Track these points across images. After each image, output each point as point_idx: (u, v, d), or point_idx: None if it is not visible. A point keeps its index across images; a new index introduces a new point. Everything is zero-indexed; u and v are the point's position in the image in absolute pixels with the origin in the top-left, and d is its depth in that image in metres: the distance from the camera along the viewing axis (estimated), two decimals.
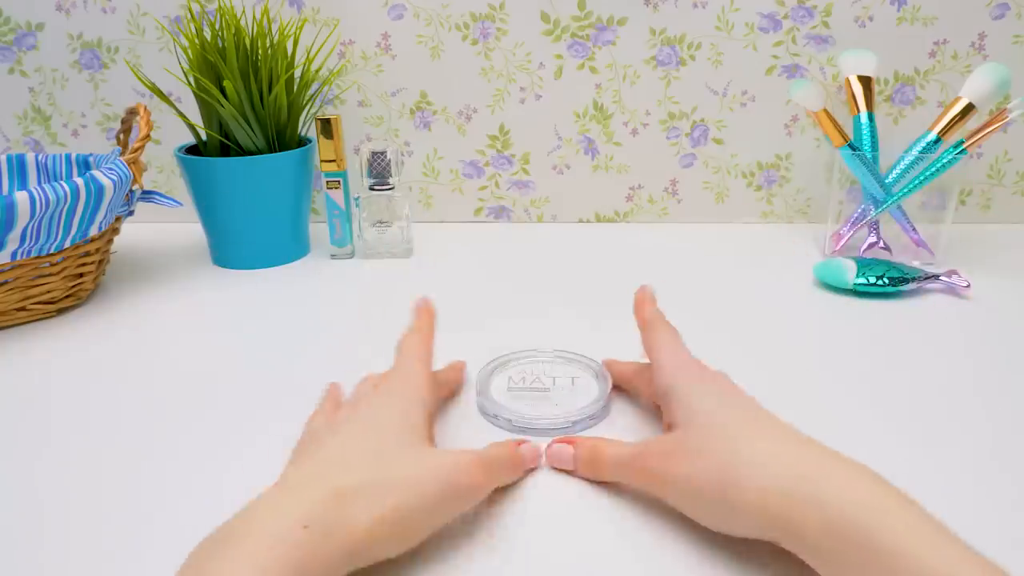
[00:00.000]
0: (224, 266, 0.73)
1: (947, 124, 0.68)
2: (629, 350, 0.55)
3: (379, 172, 0.71)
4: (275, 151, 0.71)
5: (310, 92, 0.74)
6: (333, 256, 0.75)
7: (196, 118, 0.77)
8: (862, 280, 0.63)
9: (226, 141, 0.69)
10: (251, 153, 0.70)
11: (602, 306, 0.62)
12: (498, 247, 0.76)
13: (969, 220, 0.81)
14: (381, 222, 0.73)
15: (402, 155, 0.81)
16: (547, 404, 0.46)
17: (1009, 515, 0.38)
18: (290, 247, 0.74)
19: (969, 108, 0.68)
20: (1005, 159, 0.79)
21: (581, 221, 0.84)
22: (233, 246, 0.71)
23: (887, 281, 0.62)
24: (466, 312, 0.61)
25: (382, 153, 0.70)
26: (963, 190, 0.80)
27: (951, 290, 0.64)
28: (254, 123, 0.68)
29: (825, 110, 0.69)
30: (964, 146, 0.66)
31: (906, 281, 0.63)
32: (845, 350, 0.54)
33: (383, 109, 0.80)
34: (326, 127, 0.70)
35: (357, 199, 0.72)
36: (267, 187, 0.69)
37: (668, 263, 0.71)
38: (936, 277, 0.64)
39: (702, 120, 0.79)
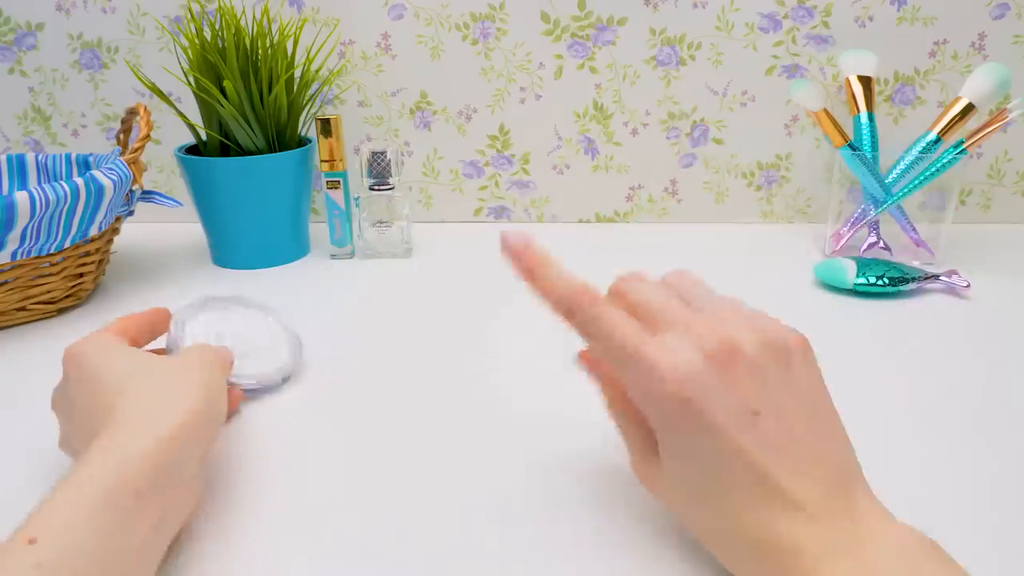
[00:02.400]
0: (224, 266, 0.73)
1: (947, 124, 0.68)
2: None
3: (379, 172, 0.71)
4: (275, 151, 0.70)
5: (310, 92, 0.74)
6: (333, 256, 0.75)
7: (196, 118, 0.77)
8: (862, 280, 0.63)
9: (226, 141, 0.69)
10: (251, 153, 0.70)
11: None
12: (498, 247, 0.75)
13: (969, 220, 0.81)
14: (381, 222, 0.73)
15: (402, 155, 0.81)
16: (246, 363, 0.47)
17: (1010, 515, 0.38)
18: (290, 247, 0.74)
19: (969, 108, 0.68)
20: (1005, 159, 0.79)
21: (581, 221, 0.84)
22: (233, 246, 0.72)
23: (887, 281, 0.62)
24: (466, 312, 0.61)
25: (382, 153, 0.70)
26: (963, 190, 0.80)
27: (951, 290, 0.64)
28: (254, 123, 0.68)
29: (825, 110, 0.69)
30: (964, 146, 0.66)
31: (906, 281, 0.63)
32: (845, 350, 0.54)
33: (383, 109, 0.80)
34: (326, 127, 0.70)
35: (357, 199, 0.72)
36: (267, 187, 0.69)
37: (668, 263, 0.70)
38: (936, 277, 0.64)
39: (702, 120, 0.79)
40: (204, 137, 0.72)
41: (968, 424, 0.45)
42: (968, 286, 0.63)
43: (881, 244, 0.71)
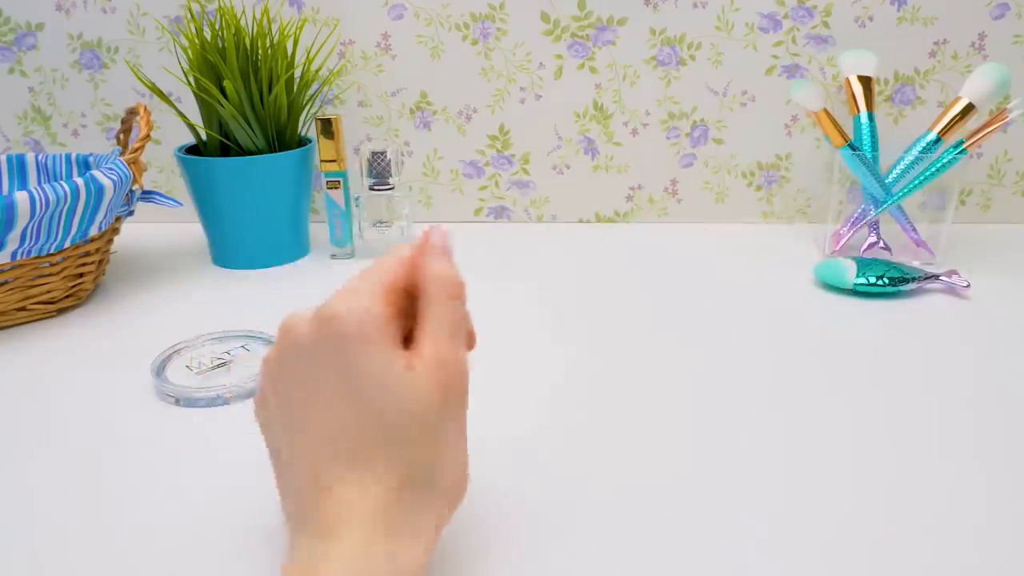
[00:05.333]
0: (224, 266, 0.73)
1: (947, 124, 0.68)
2: (633, 349, 0.55)
3: (379, 172, 0.70)
4: (275, 151, 0.70)
5: (310, 92, 0.74)
6: (333, 256, 0.74)
7: (196, 118, 0.77)
8: (862, 280, 0.63)
9: (226, 141, 0.69)
10: (251, 153, 0.69)
11: (602, 306, 0.62)
12: (498, 247, 0.76)
13: (969, 220, 0.80)
14: (381, 222, 0.72)
15: (402, 155, 0.81)
16: (229, 375, 0.51)
17: (1011, 517, 0.37)
18: (290, 247, 0.74)
19: (969, 108, 0.68)
20: (1005, 159, 0.79)
21: (581, 221, 0.84)
22: (233, 246, 0.72)
23: (887, 281, 0.62)
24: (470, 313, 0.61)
25: (382, 153, 0.70)
26: (963, 190, 0.80)
27: (951, 290, 0.64)
28: (254, 123, 0.68)
29: (825, 110, 0.69)
30: (964, 146, 0.66)
31: (906, 281, 0.63)
32: (845, 350, 0.54)
33: (383, 109, 0.80)
34: (326, 127, 0.70)
35: (357, 199, 0.72)
36: (267, 187, 0.69)
37: (668, 263, 0.71)
38: (936, 277, 0.63)
39: (702, 120, 0.79)
40: (204, 137, 0.72)
41: (968, 424, 0.45)
42: (968, 286, 0.63)
43: (881, 244, 0.71)
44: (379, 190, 0.71)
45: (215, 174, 0.68)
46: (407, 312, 0.31)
